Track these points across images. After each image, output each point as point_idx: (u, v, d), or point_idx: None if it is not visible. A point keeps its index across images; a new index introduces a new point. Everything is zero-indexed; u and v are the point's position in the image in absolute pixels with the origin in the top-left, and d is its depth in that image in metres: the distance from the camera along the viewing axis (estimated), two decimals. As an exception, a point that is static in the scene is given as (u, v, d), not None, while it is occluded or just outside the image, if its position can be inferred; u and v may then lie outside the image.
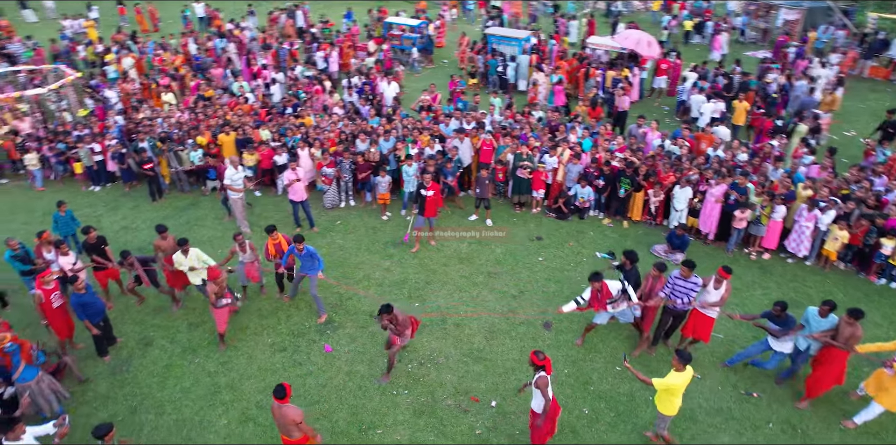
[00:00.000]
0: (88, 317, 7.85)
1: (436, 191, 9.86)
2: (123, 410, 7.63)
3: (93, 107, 14.81)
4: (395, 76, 15.79)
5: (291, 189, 10.62)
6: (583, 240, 10.88)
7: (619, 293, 7.66)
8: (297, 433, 5.84)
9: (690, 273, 7.42)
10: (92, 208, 12.40)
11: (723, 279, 7.36)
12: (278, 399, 5.73)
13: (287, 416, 5.71)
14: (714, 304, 7.45)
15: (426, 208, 9.94)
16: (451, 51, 21.26)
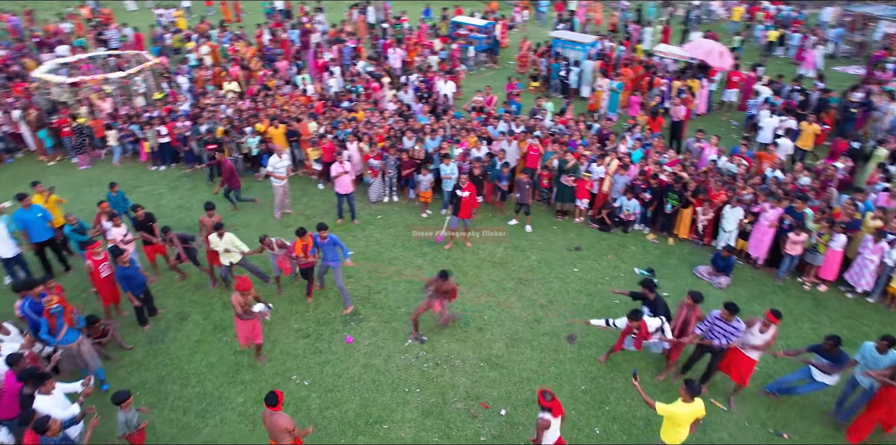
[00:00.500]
0: (130, 289, 8.36)
1: (471, 192, 9.79)
2: (153, 378, 8.07)
3: (167, 91, 15.75)
4: (453, 76, 15.81)
5: (338, 182, 10.83)
6: (623, 254, 10.51)
7: (657, 331, 7.28)
8: (287, 439, 5.84)
9: (732, 317, 6.82)
10: (154, 186, 13.19)
11: (771, 324, 6.77)
12: (270, 407, 5.73)
13: (278, 424, 5.70)
14: (756, 348, 6.89)
15: (461, 209, 9.89)
16: (515, 52, 21.05)
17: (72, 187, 13.19)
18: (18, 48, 19.53)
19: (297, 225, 11.31)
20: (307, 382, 7.95)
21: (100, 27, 21.32)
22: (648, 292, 7.66)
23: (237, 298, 7.43)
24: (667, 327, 7.20)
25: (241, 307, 7.45)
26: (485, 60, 20.37)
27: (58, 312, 7.04)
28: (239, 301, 7.44)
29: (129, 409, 6.19)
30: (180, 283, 9.94)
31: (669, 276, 9.92)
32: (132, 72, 14.35)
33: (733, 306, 6.84)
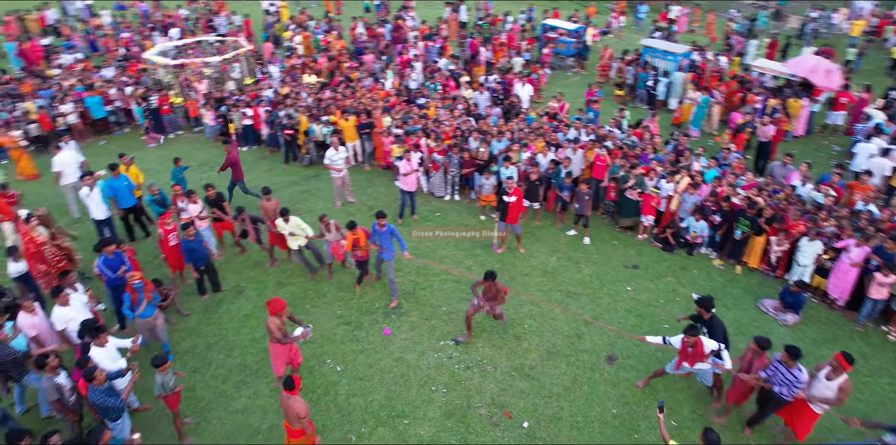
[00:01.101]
0: (192, 261, 8.92)
1: (518, 197, 9.65)
2: (201, 345, 8.59)
3: (259, 77, 16.66)
4: (530, 78, 15.58)
5: (404, 180, 10.92)
6: (683, 277, 9.94)
7: (712, 354, 6.79)
8: (297, 425, 5.99)
9: (794, 363, 6.13)
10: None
11: (840, 369, 6.01)
12: (287, 390, 5.91)
13: (292, 407, 5.85)
14: (826, 401, 6.15)
15: (508, 214, 9.77)
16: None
17: (163, 160, 14.29)
18: (141, 31, 21.36)
19: (360, 214, 11.84)
20: (340, 368, 8.16)
21: (210, 14, 22.87)
22: (704, 311, 7.17)
23: (274, 322, 6.92)
24: (725, 354, 6.71)
25: (278, 330, 6.99)
26: (572, 65, 19.93)
27: (139, 288, 7.52)
28: (276, 325, 6.95)
29: (167, 372, 6.59)
30: (241, 258, 10.51)
31: (730, 306, 9.27)
32: (228, 57, 15.31)
33: (794, 349, 6.18)
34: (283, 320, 7.07)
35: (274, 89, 14.84)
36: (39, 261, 8.54)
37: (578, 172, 11.10)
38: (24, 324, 7.04)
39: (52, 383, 6.17)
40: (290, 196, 12.60)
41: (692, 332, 6.59)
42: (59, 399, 6.24)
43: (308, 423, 6.04)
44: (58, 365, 6.30)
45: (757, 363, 6.63)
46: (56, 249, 8.83)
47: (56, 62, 18.19)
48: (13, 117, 13.90)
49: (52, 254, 8.63)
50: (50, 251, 8.64)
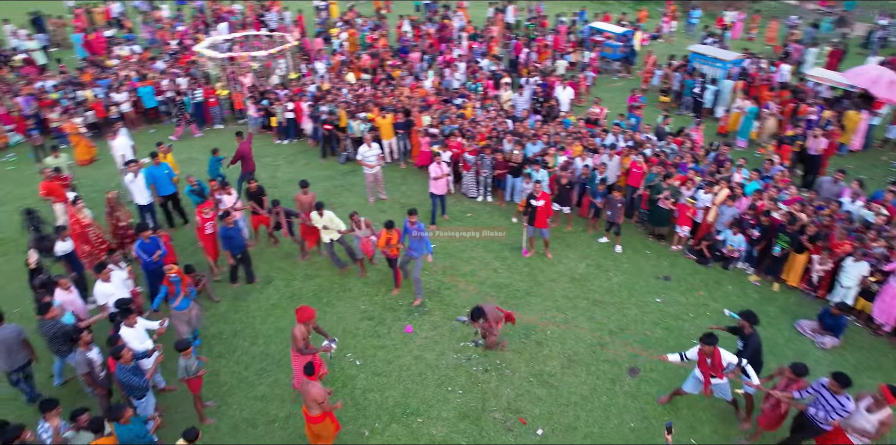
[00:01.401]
0: (229, 249, 9.16)
1: (546, 201, 9.53)
2: (228, 331, 8.83)
3: (304, 72, 16.99)
4: (572, 82, 15.35)
5: (434, 183, 10.79)
6: (716, 292, 9.61)
7: (732, 368, 6.57)
8: (316, 410, 6.08)
9: (842, 391, 5.85)
10: (273, 157, 14.32)
11: (884, 402, 5.70)
12: (307, 376, 6.05)
13: (310, 393, 5.94)
14: (865, 434, 5.83)
15: (536, 218, 9.65)
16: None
17: (206, 150, 14.73)
18: (195, 25, 22.11)
19: (392, 211, 11.93)
20: (359, 362, 8.24)
21: (262, 9, 23.47)
22: (748, 325, 6.89)
23: (300, 330, 6.76)
24: (752, 371, 6.47)
25: (303, 340, 6.84)
26: (618, 69, 19.55)
27: (176, 281, 7.67)
28: (302, 333, 6.79)
29: (190, 357, 6.80)
30: (273, 248, 10.75)
31: (765, 325, 8.86)
32: (273, 52, 15.68)
33: (844, 378, 5.84)
34: (310, 329, 6.93)
35: (317, 85, 15.09)
36: (84, 242, 8.95)
37: (614, 178, 10.87)
38: (59, 300, 7.40)
39: (84, 357, 6.47)
40: (324, 190, 12.81)
41: (709, 340, 6.37)
42: (89, 372, 6.53)
43: (326, 406, 6.11)
44: (90, 341, 6.59)
45: (791, 388, 6.34)
46: (117, 228, 9.45)
47: (115, 53, 19.01)
48: (72, 105, 14.60)
49: (95, 236, 9.03)
50: (94, 233, 9.05)
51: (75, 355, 6.77)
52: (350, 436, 7.14)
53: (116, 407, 5.74)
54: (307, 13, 24.02)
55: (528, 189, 10.56)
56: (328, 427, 6.29)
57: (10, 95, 15.11)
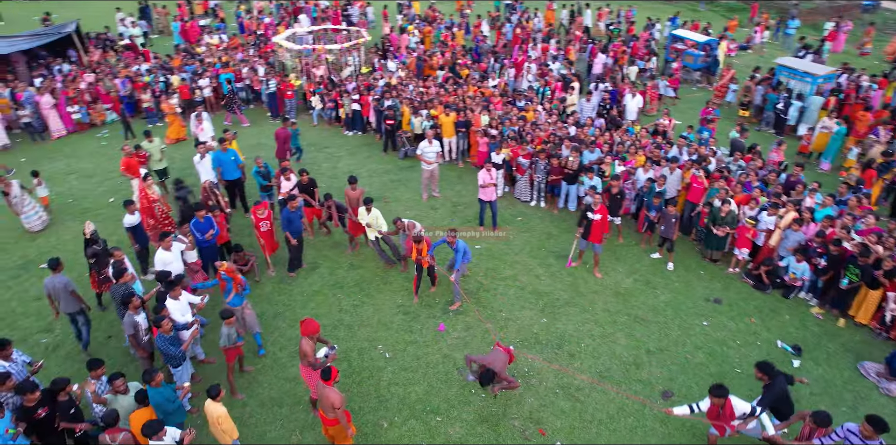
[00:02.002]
0: (290, 231, 9.50)
1: (604, 215, 9.18)
2: (270, 312, 9.20)
3: (376, 67, 17.38)
4: (642, 90, 14.81)
5: (482, 190, 10.58)
6: (770, 321, 9.01)
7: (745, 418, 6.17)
8: (331, 415, 6.10)
9: (876, 437, 5.39)
10: (337, 148, 14.75)
11: None
12: (324, 381, 6.05)
13: (328, 398, 5.96)
14: None
15: (591, 232, 9.33)
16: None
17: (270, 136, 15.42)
18: (281, 17, 23.13)
19: (443, 209, 12.01)
20: (388, 355, 8.37)
21: (346, 4, 24.22)
22: (762, 375, 6.38)
23: (308, 344, 6.64)
24: (765, 418, 6.04)
25: (313, 354, 6.75)
26: (698, 80, 18.68)
27: (227, 280, 7.79)
28: (311, 346, 6.68)
29: (233, 325, 7.16)
30: (324, 238, 11.09)
31: (821, 361, 8.27)
32: (347, 46, 16.13)
33: (880, 421, 5.40)
34: (315, 342, 6.77)
35: (385, 80, 15.40)
36: (150, 216, 9.61)
37: (674, 192, 10.40)
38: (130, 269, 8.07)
39: (132, 319, 6.96)
40: (381, 184, 13.08)
41: (719, 392, 5.98)
42: (134, 334, 7.02)
43: (343, 413, 6.12)
44: (139, 306, 7.09)
45: (815, 436, 5.86)
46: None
47: (204, 41, 20.22)
48: (158, 89, 15.68)
49: (160, 211, 9.67)
50: (160, 209, 9.69)
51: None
52: (369, 427, 7.27)
53: (148, 371, 6.15)
54: (391, 9, 24.53)
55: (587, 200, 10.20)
56: (343, 431, 6.30)
57: (110, 77, 16.41)
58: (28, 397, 6.00)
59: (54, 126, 15.52)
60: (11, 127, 15.74)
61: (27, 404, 6.02)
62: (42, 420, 6.09)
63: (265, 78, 15.59)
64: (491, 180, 10.44)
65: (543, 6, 24.07)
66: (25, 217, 11.10)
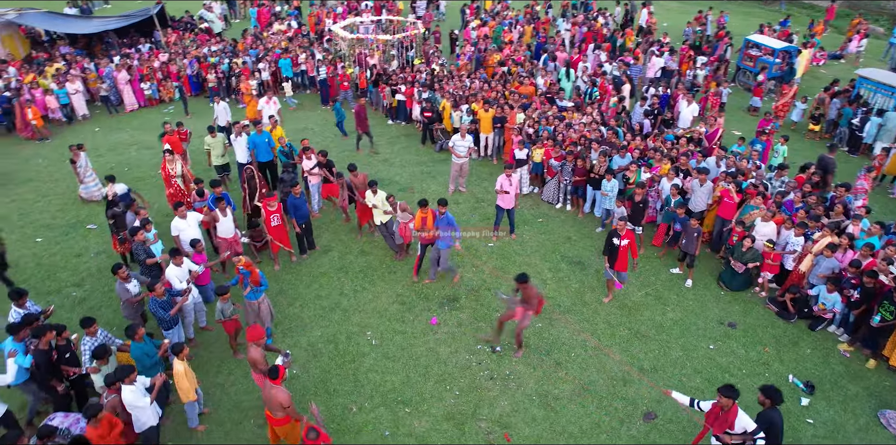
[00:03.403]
0: (296, 217, 9.78)
1: (631, 241, 8.39)
2: (274, 289, 9.49)
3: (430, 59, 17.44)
4: (704, 98, 13.92)
5: (500, 197, 10.13)
6: (788, 353, 8.26)
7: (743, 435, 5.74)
8: (280, 413, 6.05)
9: None
10: (378, 137, 14.93)
11: None
12: (271, 380, 5.96)
13: (276, 397, 5.87)
14: None
15: (618, 260, 8.51)
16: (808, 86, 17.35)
17: (326, 122, 15.90)
18: (353, 7, 23.68)
19: (465, 204, 11.93)
20: (375, 342, 8.45)
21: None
22: (765, 399, 5.90)
23: (257, 352, 6.59)
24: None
25: (264, 361, 6.65)
26: (771, 89, 17.33)
27: (245, 274, 7.75)
28: (261, 355, 6.64)
29: (227, 301, 7.49)
30: (340, 222, 11.32)
31: (836, 404, 7.50)
32: (400, 36, 16.28)
33: None
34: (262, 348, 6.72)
35: (427, 72, 15.43)
36: (168, 186, 10.39)
37: (703, 206, 9.73)
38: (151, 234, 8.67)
39: (121, 287, 7.47)
40: (411, 175, 13.16)
41: (729, 393, 5.61)
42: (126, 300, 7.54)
43: (292, 411, 6.05)
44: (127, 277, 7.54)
45: None
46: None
47: (273, 27, 21.10)
48: (221, 70, 16.55)
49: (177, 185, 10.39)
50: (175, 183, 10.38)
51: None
52: (338, 409, 7.38)
53: (131, 326, 6.59)
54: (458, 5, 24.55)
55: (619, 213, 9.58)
56: (294, 430, 6.28)
57: (181, 57, 17.51)
58: (42, 339, 6.56)
59: (128, 100, 16.79)
60: (94, 99, 17.18)
61: (42, 346, 6.59)
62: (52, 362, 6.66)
63: (318, 65, 16.05)
64: (509, 187, 9.94)
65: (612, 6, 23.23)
66: (85, 187, 12.04)
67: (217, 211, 8.91)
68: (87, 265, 10.21)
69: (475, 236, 10.77)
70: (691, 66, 16.40)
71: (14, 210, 12.10)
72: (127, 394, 6.05)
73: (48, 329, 6.64)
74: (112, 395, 6.23)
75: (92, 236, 11.13)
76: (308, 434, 5.42)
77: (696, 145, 10.97)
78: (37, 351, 6.59)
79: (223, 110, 13.49)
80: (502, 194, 9.93)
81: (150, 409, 6.23)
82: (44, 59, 18.18)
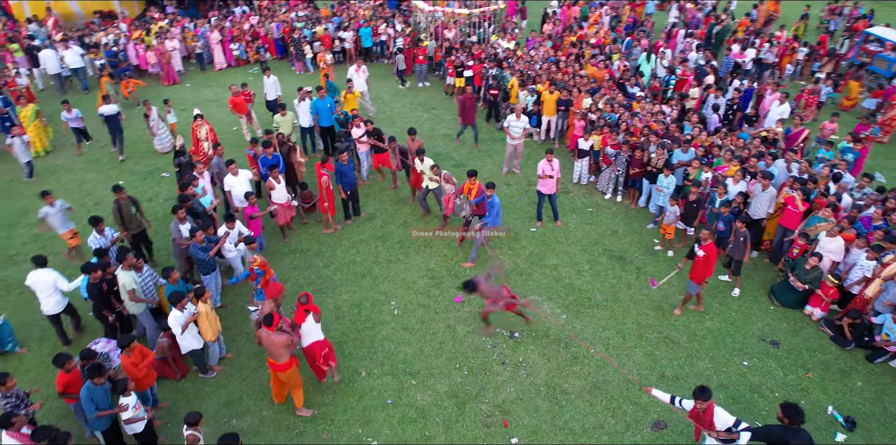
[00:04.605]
0: (342, 184, 10.01)
1: (711, 254, 7.68)
2: (314, 249, 9.92)
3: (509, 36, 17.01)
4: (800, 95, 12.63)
5: (541, 182, 9.96)
6: (833, 383, 7.51)
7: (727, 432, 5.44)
8: (284, 357, 6.39)
9: None
10: (443, 111, 14.88)
11: None
12: (266, 327, 6.32)
13: (275, 343, 6.26)
14: None
15: (693, 269, 7.95)
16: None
17: (392, 91, 16.04)
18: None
19: (517, 186, 11.74)
20: (398, 312, 8.59)
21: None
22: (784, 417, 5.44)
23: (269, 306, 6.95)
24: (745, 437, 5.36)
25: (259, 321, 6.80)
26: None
27: (259, 274, 7.66)
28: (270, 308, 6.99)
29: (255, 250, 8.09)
30: (389, 192, 11.47)
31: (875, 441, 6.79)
32: (477, 12, 15.93)
33: None
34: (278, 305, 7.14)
35: (500, 50, 15.05)
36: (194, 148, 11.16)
37: (764, 214, 8.93)
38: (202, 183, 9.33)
39: (176, 226, 8.10)
40: (467, 152, 13.07)
41: (702, 394, 5.44)
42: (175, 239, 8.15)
43: (292, 347, 6.40)
44: (184, 217, 8.19)
45: None
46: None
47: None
48: (302, 35, 17.01)
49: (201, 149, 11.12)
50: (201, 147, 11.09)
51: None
52: (348, 372, 7.62)
53: (166, 269, 7.21)
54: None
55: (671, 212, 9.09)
56: (295, 375, 6.63)
57: (269, 21, 18.18)
58: (92, 275, 7.24)
59: (218, 59, 17.72)
60: (190, 57, 18.27)
61: (92, 281, 7.27)
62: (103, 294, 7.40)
63: (396, 37, 16.11)
64: (550, 172, 9.75)
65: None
66: (158, 139, 12.95)
67: (271, 179, 9.30)
68: (156, 210, 11.02)
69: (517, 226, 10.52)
70: (792, 59, 14.91)
71: (105, 155, 13.25)
72: (176, 318, 6.71)
73: (97, 267, 7.24)
74: (163, 339, 6.99)
75: (164, 184, 12.00)
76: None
77: (772, 146, 10.02)
78: (89, 284, 7.26)
79: (272, 84, 13.46)
80: (544, 178, 9.70)
81: (190, 334, 6.90)
82: (152, 18, 19.49)
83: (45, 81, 16.69)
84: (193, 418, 5.68)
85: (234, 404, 7.22)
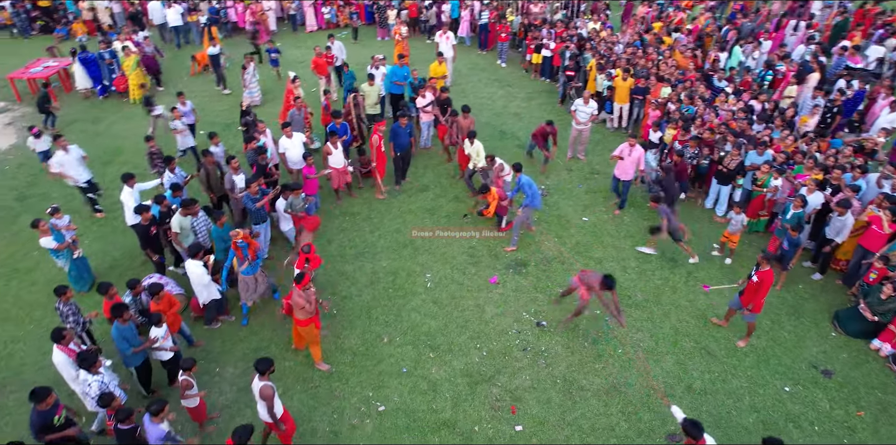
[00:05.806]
0: (396, 145, 10.09)
1: (765, 281, 6.98)
2: (363, 213, 10.15)
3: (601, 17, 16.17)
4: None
5: (619, 164, 9.59)
6: (888, 426, 6.74)
7: None
8: (302, 315, 6.71)
9: None
10: (518, 89, 14.56)
11: None
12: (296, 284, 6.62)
13: (296, 302, 6.62)
14: None
15: (744, 292, 7.36)
16: None
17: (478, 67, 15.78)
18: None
19: (578, 173, 11.35)
20: (430, 285, 8.63)
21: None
22: None
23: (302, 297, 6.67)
24: None
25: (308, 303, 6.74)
26: None
27: (243, 246, 7.43)
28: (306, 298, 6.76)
29: (299, 196, 8.43)
30: (446, 164, 11.41)
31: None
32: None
33: None
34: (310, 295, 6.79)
35: (583, 30, 14.35)
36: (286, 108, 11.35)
37: (844, 236, 8.02)
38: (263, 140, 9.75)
39: (230, 177, 8.72)
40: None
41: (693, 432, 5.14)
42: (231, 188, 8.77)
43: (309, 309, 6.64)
44: (238, 167, 8.82)
45: None
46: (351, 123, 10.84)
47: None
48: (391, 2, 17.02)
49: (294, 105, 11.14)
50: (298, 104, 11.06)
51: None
52: (371, 335, 7.79)
53: (217, 213, 7.81)
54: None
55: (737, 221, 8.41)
56: (313, 330, 6.96)
57: (358, -14, 18.35)
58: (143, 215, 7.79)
59: (309, 21, 18.16)
60: (284, 18, 18.83)
61: (143, 222, 7.80)
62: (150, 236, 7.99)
63: (481, 10, 15.76)
64: (627, 156, 9.35)
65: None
66: (249, 92, 13.48)
67: (329, 145, 9.49)
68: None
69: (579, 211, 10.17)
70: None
71: (195, 104, 14.02)
72: (196, 268, 7.12)
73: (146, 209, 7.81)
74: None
75: (240, 136, 12.55)
76: (302, 248, 7.39)
77: (870, 157, 8.94)
78: (137, 225, 7.85)
79: (339, 49, 13.46)
80: (615, 158, 9.44)
81: (212, 285, 7.35)
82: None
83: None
84: (188, 363, 6.00)
85: (262, 350, 7.59)
